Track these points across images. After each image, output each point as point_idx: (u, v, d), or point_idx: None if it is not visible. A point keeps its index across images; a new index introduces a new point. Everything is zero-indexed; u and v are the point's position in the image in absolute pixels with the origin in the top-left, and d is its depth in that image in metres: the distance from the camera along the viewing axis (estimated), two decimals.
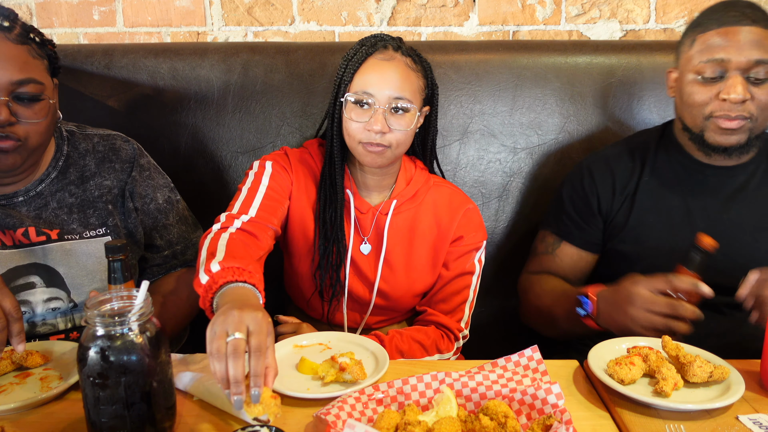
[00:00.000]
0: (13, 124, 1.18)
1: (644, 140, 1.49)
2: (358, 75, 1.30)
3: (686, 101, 1.34)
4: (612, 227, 1.45)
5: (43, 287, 1.30)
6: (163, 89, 1.74)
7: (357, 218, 1.41)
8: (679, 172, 1.42)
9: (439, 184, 1.47)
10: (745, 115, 1.28)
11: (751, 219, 1.37)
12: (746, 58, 1.24)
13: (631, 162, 1.46)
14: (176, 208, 1.47)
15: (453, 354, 1.42)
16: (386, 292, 1.42)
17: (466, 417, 0.95)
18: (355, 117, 1.29)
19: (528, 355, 1.09)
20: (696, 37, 1.31)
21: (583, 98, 1.75)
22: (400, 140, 1.31)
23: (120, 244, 1.02)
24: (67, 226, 1.31)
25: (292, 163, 1.40)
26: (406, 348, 1.33)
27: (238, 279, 1.03)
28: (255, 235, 1.23)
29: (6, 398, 1.03)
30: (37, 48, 1.24)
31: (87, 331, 0.86)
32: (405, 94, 1.28)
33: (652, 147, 1.46)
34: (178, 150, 1.75)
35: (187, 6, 1.97)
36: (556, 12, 1.94)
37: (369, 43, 1.32)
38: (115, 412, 0.86)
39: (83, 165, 1.36)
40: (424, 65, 1.36)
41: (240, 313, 0.89)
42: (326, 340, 1.25)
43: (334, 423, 0.91)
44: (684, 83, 1.35)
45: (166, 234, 1.44)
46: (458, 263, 1.44)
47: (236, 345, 0.85)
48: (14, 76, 1.17)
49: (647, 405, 1.01)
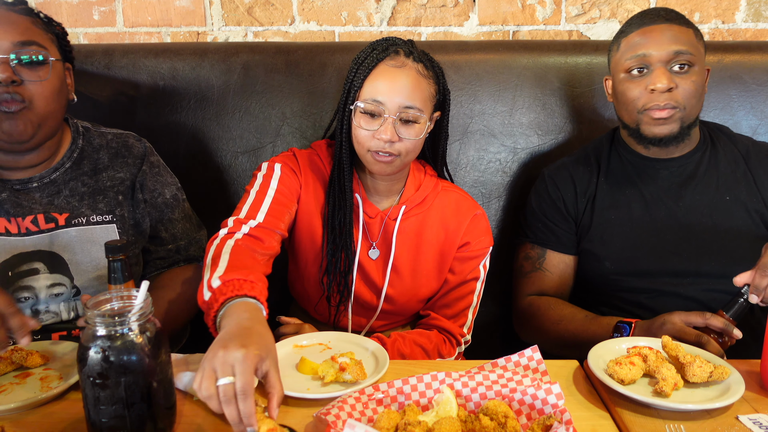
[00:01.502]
0: (17, 85, 1.22)
1: (597, 145, 1.59)
2: (368, 81, 1.27)
3: (621, 99, 1.46)
4: (581, 229, 1.54)
5: (47, 273, 1.32)
6: (163, 89, 1.74)
7: (366, 223, 1.40)
8: (630, 170, 1.52)
9: (447, 189, 1.45)
10: (674, 104, 1.38)
11: (705, 201, 1.45)
12: (665, 50, 1.38)
13: (588, 167, 1.56)
14: (182, 205, 1.50)
15: (455, 358, 1.42)
16: (393, 297, 1.42)
17: (466, 417, 0.95)
18: (364, 125, 1.27)
19: (528, 355, 1.09)
20: (621, 41, 1.46)
21: (583, 98, 1.75)
22: (409, 149, 1.29)
23: (120, 244, 1.02)
24: (76, 210, 1.34)
25: (301, 166, 1.39)
26: (408, 351, 1.33)
27: (239, 293, 1.02)
28: (262, 240, 1.23)
29: (6, 398, 1.03)
30: (43, 23, 1.29)
31: (87, 331, 0.86)
32: (415, 102, 1.26)
33: (605, 150, 1.56)
34: (178, 150, 1.75)
35: (187, 6, 1.97)
36: (556, 12, 1.94)
37: (380, 48, 1.29)
38: (115, 412, 0.86)
39: (97, 158, 1.40)
40: (435, 71, 1.33)
41: (225, 353, 0.86)
42: (326, 340, 1.25)
43: (334, 423, 0.91)
44: (617, 84, 1.47)
45: (171, 228, 1.47)
46: (464, 269, 1.43)
47: (225, 391, 0.84)
48: (15, 38, 1.22)
49: (647, 405, 1.01)
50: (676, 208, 1.46)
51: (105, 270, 1.33)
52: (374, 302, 1.42)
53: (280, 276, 1.52)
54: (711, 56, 1.73)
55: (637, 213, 1.48)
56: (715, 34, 1.97)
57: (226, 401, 0.84)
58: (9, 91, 1.21)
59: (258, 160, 1.75)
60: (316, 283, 1.41)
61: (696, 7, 1.94)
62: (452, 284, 1.43)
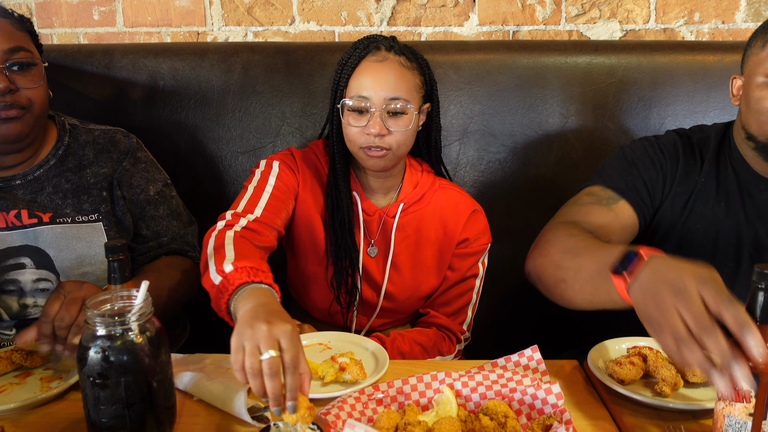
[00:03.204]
0: (14, 92, 1.23)
1: (704, 140, 1.37)
2: (353, 79, 1.29)
3: (754, 107, 1.23)
4: (659, 216, 1.34)
5: (33, 269, 1.33)
6: (163, 89, 1.74)
7: (364, 221, 1.41)
8: (734, 183, 1.32)
9: (445, 187, 1.46)
10: None
11: None
12: None
13: (692, 159, 1.34)
14: (168, 202, 1.48)
15: (454, 356, 1.42)
16: (393, 295, 1.42)
17: (466, 417, 0.95)
18: (353, 122, 1.29)
19: (528, 355, 1.09)
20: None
21: (583, 98, 1.74)
22: (400, 141, 1.30)
23: (120, 244, 1.02)
24: (60, 210, 1.34)
25: (299, 164, 1.40)
26: (407, 350, 1.33)
27: (254, 280, 1.01)
28: (260, 234, 1.22)
29: (6, 398, 1.03)
30: (17, 22, 1.28)
31: (87, 331, 0.86)
32: (401, 93, 1.27)
33: (713, 150, 1.35)
34: (178, 150, 1.75)
35: (187, 6, 1.97)
36: (556, 12, 1.94)
37: (362, 46, 1.31)
38: (115, 412, 0.86)
39: (82, 155, 1.39)
40: (419, 62, 1.34)
41: (269, 327, 0.86)
42: (326, 340, 1.25)
43: (334, 423, 0.91)
44: (752, 88, 1.23)
45: (154, 225, 1.45)
46: (463, 266, 1.44)
47: (272, 364, 0.83)
48: (4, 45, 1.22)
49: (647, 405, 1.01)
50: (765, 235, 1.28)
51: (89, 267, 1.36)
52: (374, 300, 1.43)
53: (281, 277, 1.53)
54: (711, 56, 1.73)
55: (725, 230, 1.30)
56: (715, 34, 1.97)
57: (271, 374, 0.83)
58: (7, 101, 1.22)
59: (258, 160, 1.75)
60: (322, 286, 1.41)
61: (696, 7, 1.94)
62: (451, 281, 1.44)
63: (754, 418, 0.83)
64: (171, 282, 1.35)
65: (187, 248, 1.48)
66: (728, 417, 0.85)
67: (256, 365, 0.84)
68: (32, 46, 1.29)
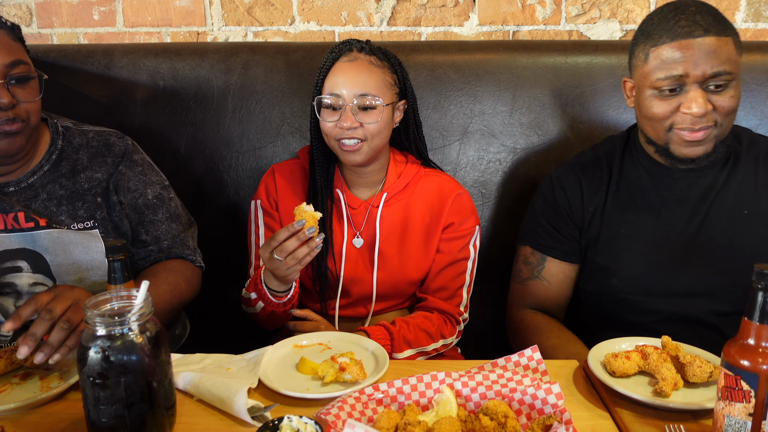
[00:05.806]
0: (14, 106, 1.22)
1: (610, 149, 1.46)
2: (327, 79, 1.39)
3: (646, 114, 1.31)
4: (587, 239, 1.43)
5: (30, 273, 1.33)
6: (163, 89, 1.74)
7: (349, 214, 1.46)
8: (646, 180, 1.39)
9: (429, 174, 1.52)
10: (709, 125, 1.25)
11: (723, 216, 1.34)
12: (702, 71, 1.22)
13: (599, 171, 1.44)
14: (167, 205, 1.47)
15: (456, 337, 1.48)
16: (384, 281, 1.47)
17: (466, 417, 0.95)
18: (327, 118, 1.38)
19: (528, 355, 1.09)
20: (649, 51, 1.28)
21: (583, 98, 1.74)
22: (373, 133, 1.36)
23: (120, 244, 1.02)
24: (55, 218, 1.33)
25: (277, 182, 1.48)
26: (412, 338, 1.38)
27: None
28: None
29: (6, 398, 1.03)
30: (10, 32, 1.27)
31: (87, 331, 0.86)
32: (369, 89, 1.35)
33: (618, 155, 1.44)
34: (178, 150, 1.75)
35: (187, 6, 1.97)
36: (556, 12, 1.94)
37: (337, 49, 1.40)
38: (115, 412, 0.86)
39: (76, 159, 1.38)
40: (391, 61, 1.43)
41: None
42: (326, 340, 1.25)
43: (334, 423, 0.91)
44: (642, 98, 1.31)
45: (153, 230, 1.44)
46: (452, 249, 1.48)
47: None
48: (5, 59, 1.21)
49: (647, 405, 1.01)
50: (691, 223, 1.35)
51: (86, 273, 1.35)
52: (368, 289, 1.47)
53: None
54: None
55: (650, 226, 1.37)
56: None
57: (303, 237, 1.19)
58: (9, 115, 1.22)
59: (258, 160, 1.76)
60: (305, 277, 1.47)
61: None
62: (442, 264, 1.48)
63: (754, 418, 0.84)
64: (171, 287, 1.36)
65: (188, 252, 1.47)
66: (728, 417, 0.86)
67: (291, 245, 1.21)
68: (27, 57, 1.28)
